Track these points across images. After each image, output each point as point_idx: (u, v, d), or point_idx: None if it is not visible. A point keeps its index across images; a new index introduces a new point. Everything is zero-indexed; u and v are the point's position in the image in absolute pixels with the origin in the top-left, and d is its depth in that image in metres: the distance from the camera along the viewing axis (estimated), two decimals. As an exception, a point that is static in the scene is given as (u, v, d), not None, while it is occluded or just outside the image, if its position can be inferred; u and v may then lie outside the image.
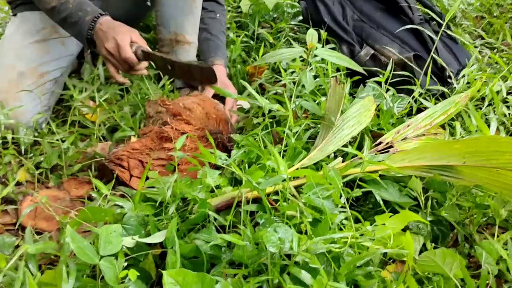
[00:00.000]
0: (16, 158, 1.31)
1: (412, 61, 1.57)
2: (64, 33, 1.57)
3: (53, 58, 1.53)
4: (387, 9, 1.79)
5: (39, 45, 1.52)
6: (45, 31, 1.54)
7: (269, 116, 1.36)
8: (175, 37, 1.57)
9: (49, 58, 1.52)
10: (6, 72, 1.45)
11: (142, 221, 0.99)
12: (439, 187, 1.10)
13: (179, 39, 1.57)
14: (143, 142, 1.22)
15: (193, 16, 1.57)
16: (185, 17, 1.55)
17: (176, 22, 1.55)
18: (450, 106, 1.31)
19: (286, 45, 1.83)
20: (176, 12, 1.54)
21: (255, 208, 0.98)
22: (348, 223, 0.95)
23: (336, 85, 1.29)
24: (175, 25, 1.56)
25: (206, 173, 1.05)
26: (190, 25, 1.58)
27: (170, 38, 1.57)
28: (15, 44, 1.50)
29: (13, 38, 1.52)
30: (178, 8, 1.53)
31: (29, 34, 1.52)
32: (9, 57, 1.48)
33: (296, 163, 1.16)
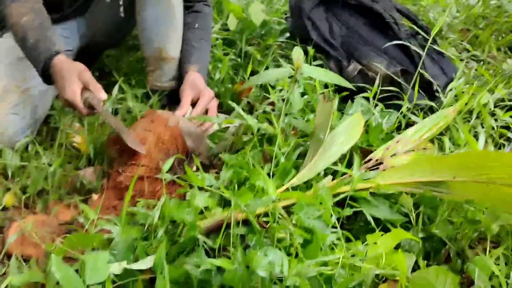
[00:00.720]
0: (2, 183, 1.29)
1: (399, 76, 1.58)
2: None
3: (36, 74, 1.52)
4: (373, 25, 1.80)
5: (21, 63, 1.51)
6: None
7: (258, 134, 1.35)
8: (159, 54, 1.57)
9: (31, 74, 1.51)
10: None
11: (131, 246, 0.97)
12: (430, 203, 1.10)
13: (164, 56, 1.57)
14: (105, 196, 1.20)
15: (175, 32, 1.57)
16: (167, 34, 1.55)
17: (158, 40, 1.55)
18: (438, 120, 1.32)
19: (274, 62, 1.83)
20: (157, 30, 1.54)
21: (244, 231, 0.97)
22: (339, 243, 0.94)
23: (324, 101, 1.28)
24: (158, 42, 1.56)
25: (195, 195, 1.04)
26: (173, 42, 1.58)
27: (154, 56, 1.58)
28: None
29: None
30: (160, 26, 1.53)
31: (11, 52, 1.51)
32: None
33: (286, 182, 1.15)
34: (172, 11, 1.53)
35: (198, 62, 1.59)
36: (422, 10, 2.30)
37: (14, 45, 1.52)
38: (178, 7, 1.54)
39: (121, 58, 1.95)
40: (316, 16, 1.85)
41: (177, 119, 1.33)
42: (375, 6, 1.79)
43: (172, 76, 1.62)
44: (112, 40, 1.85)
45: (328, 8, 1.89)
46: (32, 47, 1.36)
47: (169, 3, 1.51)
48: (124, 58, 1.94)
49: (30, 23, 1.37)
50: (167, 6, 1.51)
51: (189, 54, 1.61)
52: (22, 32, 1.36)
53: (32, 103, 1.48)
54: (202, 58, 1.63)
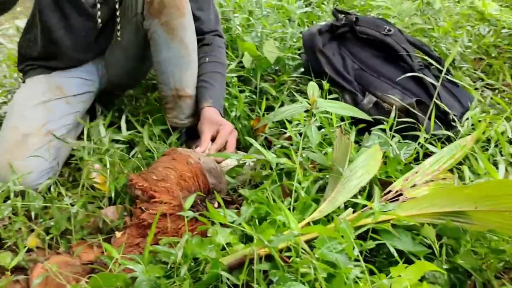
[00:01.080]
0: (26, 224, 1.31)
1: (415, 107, 1.59)
2: (68, 93, 1.62)
3: (57, 117, 1.56)
4: (386, 57, 1.82)
5: (43, 106, 1.56)
6: (49, 92, 1.59)
7: (277, 169, 1.36)
8: (176, 93, 1.60)
9: (53, 117, 1.55)
10: (10, 134, 1.49)
11: (154, 285, 0.98)
12: (453, 233, 1.09)
13: (181, 94, 1.60)
14: (128, 234, 1.22)
15: (190, 70, 1.61)
16: (183, 73, 1.59)
17: (174, 79, 1.59)
18: (456, 150, 1.32)
19: (288, 97, 1.85)
20: (173, 70, 1.58)
21: (268, 266, 0.97)
22: (363, 277, 0.94)
23: (342, 135, 1.29)
24: (174, 82, 1.59)
25: (216, 232, 1.05)
26: (189, 80, 1.61)
27: (172, 94, 1.61)
28: (20, 108, 1.55)
29: (19, 102, 1.58)
30: (175, 66, 1.57)
31: (34, 96, 1.57)
32: (13, 119, 1.53)
33: (306, 216, 1.15)
34: (186, 51, 1.57)
35: (212, 97, 1.61)
36: (434, 41, 2.33)
37: (35, 92, 1.58)
38: (192, 45, 1.58)
39: (140, 97, 1.99)
40: (329, 50, 1.88)
41: (198, 157, 1.35)
42: (387, 39, 1.82)
43: (190, 113, 1.65)
44: (130, 81, 1.90)
45: (340, 43, 1.92)
46: None
47: (183, 43, 1.55)
48: (143, 97, 1.98)
49: None
50: (181, 46, 1.55)
51: (203, 89, 1.63)
52: None
53: (54, 146, 1.52)
54: (215, 91, 1.64)
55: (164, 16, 1.50)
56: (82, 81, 1.70)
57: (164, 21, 1.50)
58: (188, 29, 1.55)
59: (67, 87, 1.64)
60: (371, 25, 1.89)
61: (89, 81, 1.73)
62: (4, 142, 1.48)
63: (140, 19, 1.55)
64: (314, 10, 2.77)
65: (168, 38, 1.53)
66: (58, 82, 1.64)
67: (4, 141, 1.48)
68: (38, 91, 1.59)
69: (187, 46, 1.56)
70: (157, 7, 1.49)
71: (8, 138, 1.48)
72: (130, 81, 1.91)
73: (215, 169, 1.35)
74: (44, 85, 1.61)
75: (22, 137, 1.48)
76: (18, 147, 1.46)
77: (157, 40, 1.54)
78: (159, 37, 1.53)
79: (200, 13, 1.70)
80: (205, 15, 1.73)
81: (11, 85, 2.24)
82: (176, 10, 1.50)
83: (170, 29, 1.52)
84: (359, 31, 1.88)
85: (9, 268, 1.14)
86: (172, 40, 1.53)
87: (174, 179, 1.27)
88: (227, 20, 2.39)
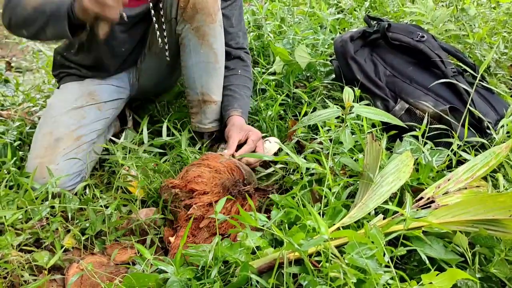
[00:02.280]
0: (62, 225, 1.35)
1: (448, 114, 1.56)
2: (100, 99, 1.66)
3: (88, 122, 1.62)
4: (418, 64, 1.80)
5: (75, 112, 1.61)
6: (82, 98, 1.64)
7: (307, 174, 1.36)
8: (202, 97, 1.65)
9: (84, 122, 1.60)
10: (43, 139, 1.55)
11: (185, 286, 0.99)
12: (486, 242, 1.07)
13: (206, 99, 1.65)
14: (180, 236, 1.24)
15: (217, 76, 1.65)
16: (210, 78, 1.63)
17: (201, 83, 1.63)
18: (491, 158, 1.29)
19: (320, 103, 1.86)
20: (201, 75, 1.61)
21: (297, 270, 0.97)
22: (393, 283, 0.93)
23: (373, 141, 1.29)
24: (201, 86, 1.64)
25: (247, 235, 1.06)
26: (215, 85, 1.66)
27: (198, 99, 1.66)
28: (53, 113, 1.61)
29: (53, 108, 1.64)
30: (203, 71, 1.61)
31: (67, 102, 1.63)
32: (47, 125, 1.58)
33: (336, 221, 1.15)
34: (214, 57, 1.60)
35: (242, 107, 1.67)
36: (468, 48, 2.29)
37: (68, 98, 1.63)
38: (220, 53, 1.62)
39: (172, 103, 2.03)
40: (361, 57, 1.88)
41: (227, 156, 1.38)
42: (420, 45, 1.80)
43: (213, 119, 1.69)
44: (160, 88, 1.95)
45: (372, 49, 1.92)
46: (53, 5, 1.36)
47: (212, 49, 1.58)
48: (176, 103, 2.02)
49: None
50: (210, 52, 1.59)
51: (232, 98, 1.69)
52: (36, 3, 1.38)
53: (84, 150, 1.57)
54: (245, 103, 1.71)
55: (196, 22, 1.53)
56: (113, 88, 1.75)
57: (196, 27, 1.54)
58: (218, 37, 1.59)
59: (99, 93, 1.69)
60: (403, 31, 1.88)
61: (120, 88, 1.78)
62: (37, 146, 1.54)
63: (174, 24, 1.58)
64: (346, 16, 2.77)
65: (198, 43, 1.56)
66: (91, 88, 1.69)
67: (37, 145, 1.54)
68: (71, 97, 1.65)
69: (216, 52, 1.59)
70: (190, 12, 1.52)
71: (40, 143, 1.54)
72: (161, 88, 1.95)
73: (246, 165, 1.40)
74: (77, 91, 1.66)
75: (54, 141, 1.53)
76: (49, 151, 1.51)
77: (187, 44, 1.58)
78: (190, 41, 1.57)
79: (231, 29, 1.76)
80: (235, 31, 1.79)
81: (49, 91, 2.31)
82: (207, 17, 1.54)
83: (201, 34, 1.55)
84: (391, 37, 1.86)
85: (46, 267, 1.18)
86: (202, 45, 1.56)
87: (209, 173, 1.30)
88: (259, 27, 2.41)
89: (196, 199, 1.26)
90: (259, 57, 2.21)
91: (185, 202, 1.27)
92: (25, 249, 1.29)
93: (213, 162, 1.35)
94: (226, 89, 1.72)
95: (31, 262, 1.22)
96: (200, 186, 1.28)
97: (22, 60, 3.13)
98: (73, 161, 1.52)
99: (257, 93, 1.93)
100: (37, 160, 1.49)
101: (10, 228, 1.28)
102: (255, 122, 1.84)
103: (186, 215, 1.25)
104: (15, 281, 1.19)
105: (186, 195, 1.28)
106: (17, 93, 2.33)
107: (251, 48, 2.27)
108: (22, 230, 1.31)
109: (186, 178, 1.31)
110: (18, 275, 1.19)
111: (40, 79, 2.56)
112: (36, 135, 1.58)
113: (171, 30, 1.61)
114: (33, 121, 1.96)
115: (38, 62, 2.75)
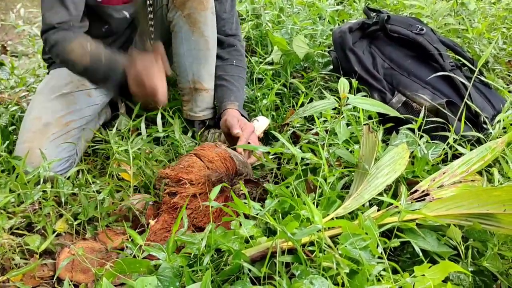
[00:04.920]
0: (55, 209, 1.34)
1: (445, 108, 1.56)
2: (90, 85, 1.66)
3: (78, 108, 1.61)
4: (417, 57, 1.80)
5: (65, 97, 1.60)
6: (71, 84, 1.63)
7: (302, 164, 1.36)
8: (193, 85, 1.64)
9: (74, 108, 1.59)
10: (32, 123, 1.53)
11: (177, 272, 0.99)
12: (479, 236, 1.07)
13: (197, 87, 1.64)
14: (161, 220, 1.24)
15: (208, 64, 1.63)
16: (201, 66, 1.62)
17: (193, 71, 1.62)
18: (486, 152, 1.29)
19: (317, 94, 1.85)
20: (192, 62, 1.60)
21: (290, 259, 0.97)
22: (386, 274, 0.93)
23: (369, 133, 1.28)
24: (192, 74, 1.63)
25: (240, 224, 1.05)
26: (206, 74, 1.65)
27: (189, 86, 1.65)
28: (42, 98, 1.59)
29: (42, 93, 1.63)
30: (194, 58, 1.60)
31: (56, 88, 1.61)
32: (36, 110, 1.57)
33: (330, 212, 1.15)
34: (206, 45, 1.59)
35: (238, 100, 1.66)
36: (467, 42, 2.28)
37: (58, 84, 1.62)
38: (212, 40, 1.60)
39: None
40: (359, 49, 1.87)
41: (224, 147, 1.37)
42: (419, 38, 1.79)
43: (205, 107, 1.67)
44: None
45: (371, 41, 1.91)
46: (109, 60, 1.50)
47: (203, 37, 1.57)
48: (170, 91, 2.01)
49: (98, 48, 1.50)
50: (201, 40, 1.58)
51: (228, 90, 1.67)
52: (94, 55, 1.49)
53: (73, 136, 1.56)
54: (240, 96, 1.70)
55: (187, 9, 1.52)
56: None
57: (187, 14, 1.52)
58: (210, 24, 1.57)
59: None
60: (403, 24, 1.87)
61: None
62: (26, 131, 1.52)
63: (165, 11, 1.57)
64: (346, 8, 2.75)
65: (189, 30, 1.55)
66: None
67: (26, 130, 1.53)
68: (61, 83, 1.63)
69: (207, 40, 1.58)
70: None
71: (29, 128, 1.52)
72: None
73: (241, 156, 1.38)
74: (67, 77, 1.65)
75: (43, 126, 1.52)
76: (38, 136, 1.50)
77: (178, 32, 1.57)
78: (181, 29, 1.55)
79: (224, 15, 1.73)
80: (228, 17, 1.76)
81: (44, 76, 2.29)
82: (199, 4, 1.52)
83: (192, 22, 1.54)
84: (390, 29, 1.85)
85: (38, 251, 1.17)
86: (193, 32, 1.55)
87: (201, 163, 1.29)
88: (258, 17, 2.40)
89: (181, 188, 1.25)
90: (257, 47, 2.20)
91: (170, 190, 1.26)
92: (16, 232, 1.28)
93: (207, 152, 1.34)
94: (221, 79, 1.70)
95: (22, 246, 1.21)
96: (188, 176, 1.26)
97: (18, 44, 3.11)
98: (61, 147, 1.51)
99: (254, 82, 1.92)
100: (25, 145, 1.48)
101: (2, 211, 1.27)
102: (251, 112, 1.83)
103: (170, 201, 1.25)
104: (6, 264, 1.19)
105: (176, 184, 1.28)
106: (12, 76, 2.30)
107: (249, 37, 2.26)
108: (14, 213, 1.30)
109: (178, 168, 1.30)
110: (10, 258, 1.18)
111: (35, 63, 2.54)
112: (25, 120, 1.56)
113: (163, 17, 1.59)
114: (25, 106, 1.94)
115: (35, 46, 2.72)
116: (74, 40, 1.50)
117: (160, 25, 1.62)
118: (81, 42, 1.50)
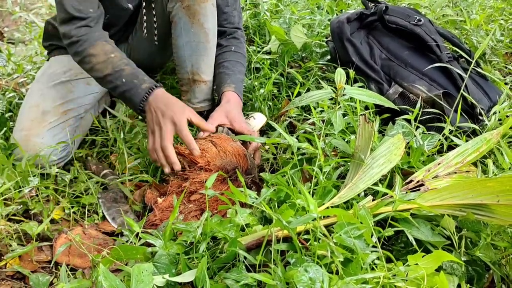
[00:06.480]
0: (52, 196, 1.34)
1: (441, 99, 1.57)
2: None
3: (76, 96, 1.60)
4: (414, 48, 1.80)
5: (63, 85, 1.59)
6: (71, 72, 1.62)
7: (299, 154, 1.36)
8: (192, 76, 1.63)
9: (72, 96, 1.59)
10: (30, 111, 1.53)
11: (173, 260, 1.00)
12: (473, 226, 1.08)
13: (196, 78, 1.63)
14: (169, 200, 1.25)
15: (207, 56, 1.62)
16: (200, 58, 1.60)
17: (191, 63, 1.61)
18: (481, 144, 1.30)
19: (314, 84, 1.85)
20: (191, 54, 1.59)
21: (285, 247, 0.98)
22: (380, 263, 0.94)
23: (365, 123, 1.29)
24: (191, 66, 1.61)
25: (236, 212, 1.06)
26: (205, 65, 1.63)
27: (188, 77, 1.63)
28: (41, 86, 1.59)
29: (41, 80, 1.62)
30: (193, 50, 1.58)
31: (55, 75, 1.61)
32: (34, 97, 1.57)
33: (326, 201, 1.15)
34: (205, 37, 1.57)
35: (235, 83, 1.63)
36: (465, 34, 2.28)
37: (57, 72, 1.61)
38: (211, 32, 1.59)
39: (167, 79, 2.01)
40: (357, 39, 1.87)
41: (239, 143, 1.40)
42: (417, 29, 1.79)
43: (203, 98, 1.67)
44: (153, 65, 1.92)
45: (369, 32, 1.90)
46: (132, 76, 1.43)
47: (203, 28, 1.55)
48: (167, 81, 2.01)
49: (121, 59, 1.45)
50: (201, 32, 1.56)
51: (225, 75, 1.66)
52: (116, 66, 1.42)
53: (71, 124, 1.56)
54: (237, 78, 1.67)
55: (187, 0, 1.51)
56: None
57: (187, 5, 1.51)
58: (210, 16, 1.56)
59: None
60: (400, 14, 1.87)
61: None
62: (23, 118, 1.52)
63: (165, 1, 1.56)
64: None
65: (189, 22, 1.54)
66: None
67: (23, 117, 1.53)
68: (60, 71, 1.63)
69: (207, 32, 1.57)
70: None
71: (27, 115, 1.52)
72: (153, 64, 1.93)
73: (252, 158, 1.40)
74: (66, 64, 1.64)
75: (41, 114, 1.52)
76: (35, 124, 1.50)
77: (178, 23, 1.55)
78: (180, 20, 1.54)
79: (226, 8, 1.72)
80: (230, 10, 1.75)
81: (41, 63, 2.28)
82: None
83: (192, 13, 1.52)
84: (388, 20, 1.85)
85: (33, 236, 1.18)
86: (193, 24, 1.54)
87: (216, 151, 1.30)
88: (256, 6, 2.39)
89: (194, 173, 1.26)
90: (254, 36, 2.20)
91: (182, 174, 1.27)
92: (14, 219, 1.28)
93: (223, 142, 1.35)
94: (219, 66, 1.70)
95: (19, 232, 1.22)
96: (202, 160, 1.28)
97: (15, 31, 3.09)
98: (58, 135, 1.51)
99: (251, 71, 1.92)
100: (22, 133, 1.48)
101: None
102: (248, 101, 1.83)
103: (181, 184, 1.26)
104: (3, 251, 1.20)
105: (187, 165, 1.28)
106: (8, 63, 2.30)
107: (247, 26, 2.25)
108: (11, 200, 1.31)
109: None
110: (6, 244, 1.19)
111: (32, 50, 2.53)
112: (23, 107, 1.56)
113: (163, 7, 1.58)
114: (23, 92, 1.94)
115: (31, 33, 2.71)
116: (97, 43, 1.44)
117: (160, 15, 1.61)
118: (104, 48, 1.44)
